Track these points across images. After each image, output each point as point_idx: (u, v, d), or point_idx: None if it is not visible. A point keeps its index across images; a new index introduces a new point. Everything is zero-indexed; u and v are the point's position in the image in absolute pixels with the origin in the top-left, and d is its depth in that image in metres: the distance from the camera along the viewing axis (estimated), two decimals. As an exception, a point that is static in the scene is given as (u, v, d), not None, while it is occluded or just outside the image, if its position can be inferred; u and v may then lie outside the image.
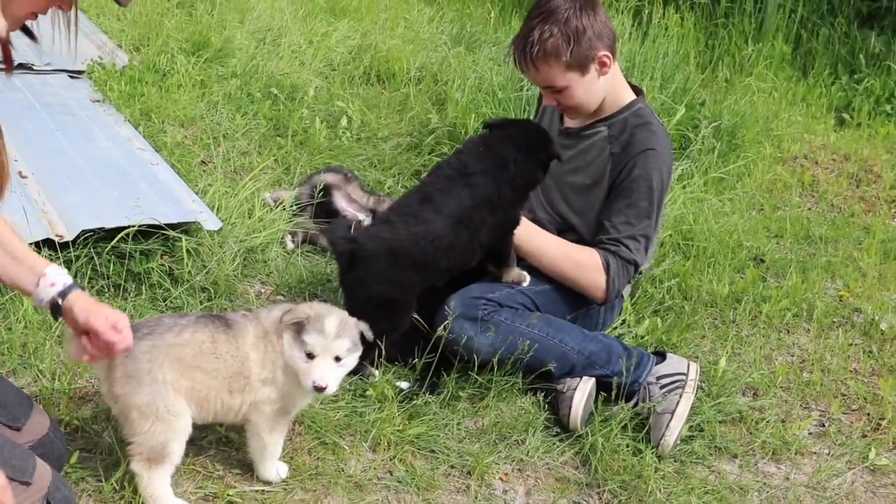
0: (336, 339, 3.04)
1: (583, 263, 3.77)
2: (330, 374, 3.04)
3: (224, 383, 3.09)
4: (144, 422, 3.01)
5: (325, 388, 3.03)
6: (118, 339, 2.90)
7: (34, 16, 2.74)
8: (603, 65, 3.77)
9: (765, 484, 3.54)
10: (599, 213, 3.84)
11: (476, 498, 3.35)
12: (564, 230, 3.95)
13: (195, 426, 3.17)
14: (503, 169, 3.66)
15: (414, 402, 3.67)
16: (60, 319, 2.93)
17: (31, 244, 3.90)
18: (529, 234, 3.81)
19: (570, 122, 3.99)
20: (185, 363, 3.05)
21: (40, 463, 2.91)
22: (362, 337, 3.20)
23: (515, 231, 3.74)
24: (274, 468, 3.28)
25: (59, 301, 2.90)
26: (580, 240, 3.91)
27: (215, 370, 3.08)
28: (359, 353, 3.15)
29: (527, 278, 3.77)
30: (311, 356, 3.02)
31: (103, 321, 2.87)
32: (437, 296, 3.74)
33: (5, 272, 2.92)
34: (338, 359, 3.09)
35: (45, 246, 3.97)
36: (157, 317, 3.31)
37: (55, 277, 2.92)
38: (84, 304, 2.91)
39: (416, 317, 3.70)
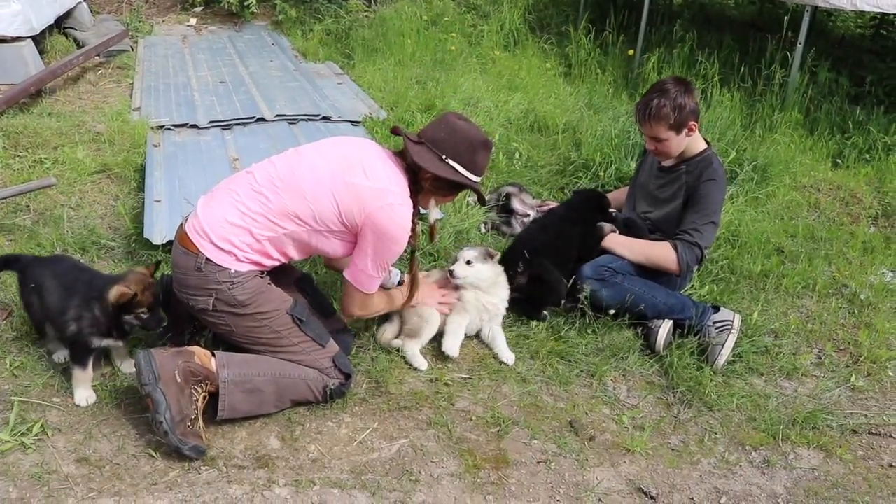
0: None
1: (656, 254, 3.72)
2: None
3: None
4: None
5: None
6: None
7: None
8: (691, 130, 3.71)
9: (781, 393, 3.45)
10: (678, 220, 3.78)
11: (596, 391, 3.37)
12: (649, 226, 3.91)
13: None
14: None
15: (559, 331, 3.70)
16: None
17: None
18: (618, 245, 3.79)
19: (665, 163, 3.91)
20: None
21: (332, 339, 3.10)
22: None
23: (610, 245, 3.79)
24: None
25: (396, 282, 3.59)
26: (656, 231, 3.88)
27: None
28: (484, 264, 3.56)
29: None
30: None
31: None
32: (575, 265, 3.74)
33: None
34: (468, 263, 3.55)
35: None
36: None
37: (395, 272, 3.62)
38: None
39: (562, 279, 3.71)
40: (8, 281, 3.65)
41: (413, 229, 3.02)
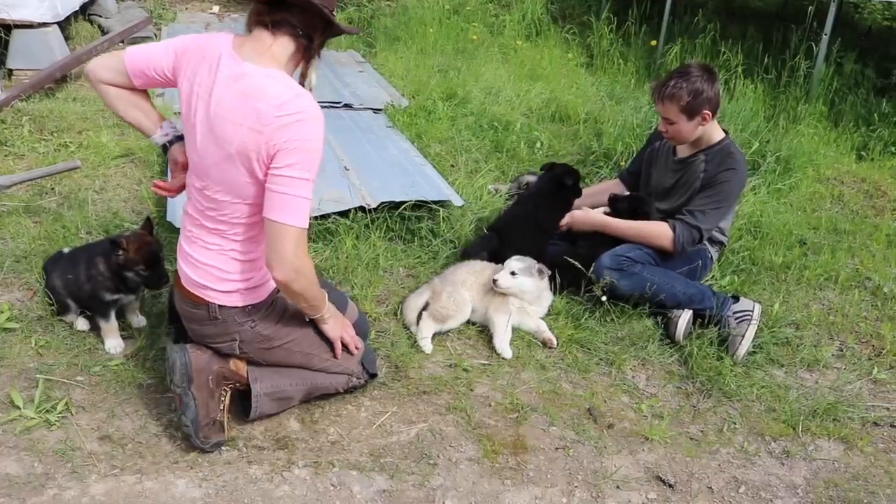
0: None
1: (649, 230, 3.73)
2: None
3: None
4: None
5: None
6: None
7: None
8: (704, 119, 3.66)
9: (801, 385, 3.42)
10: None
11: (615, 379, 3.36)
12: (664, 219, 3.83)
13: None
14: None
15: (579, 319, 3.70)
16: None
17: (350, 209, 4.09)
18: (609, 224, 3.83)
19: (680, 154, 3.89)
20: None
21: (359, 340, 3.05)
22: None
23: (602, 223, 3.86)
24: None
25: (168, 145, 2.78)
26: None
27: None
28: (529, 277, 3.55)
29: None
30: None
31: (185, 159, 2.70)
32: (595, 252, 3.73)
33: (138, 122, 2.77)
34: (513, 273, 3.54)
35: (360, 210, 4.13)
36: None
37: (168, 129, 2.78)
38: (181, 150, 2.74)
39: (581, 266, 3.69)
40: (33, 262, 3.69)
41: None
